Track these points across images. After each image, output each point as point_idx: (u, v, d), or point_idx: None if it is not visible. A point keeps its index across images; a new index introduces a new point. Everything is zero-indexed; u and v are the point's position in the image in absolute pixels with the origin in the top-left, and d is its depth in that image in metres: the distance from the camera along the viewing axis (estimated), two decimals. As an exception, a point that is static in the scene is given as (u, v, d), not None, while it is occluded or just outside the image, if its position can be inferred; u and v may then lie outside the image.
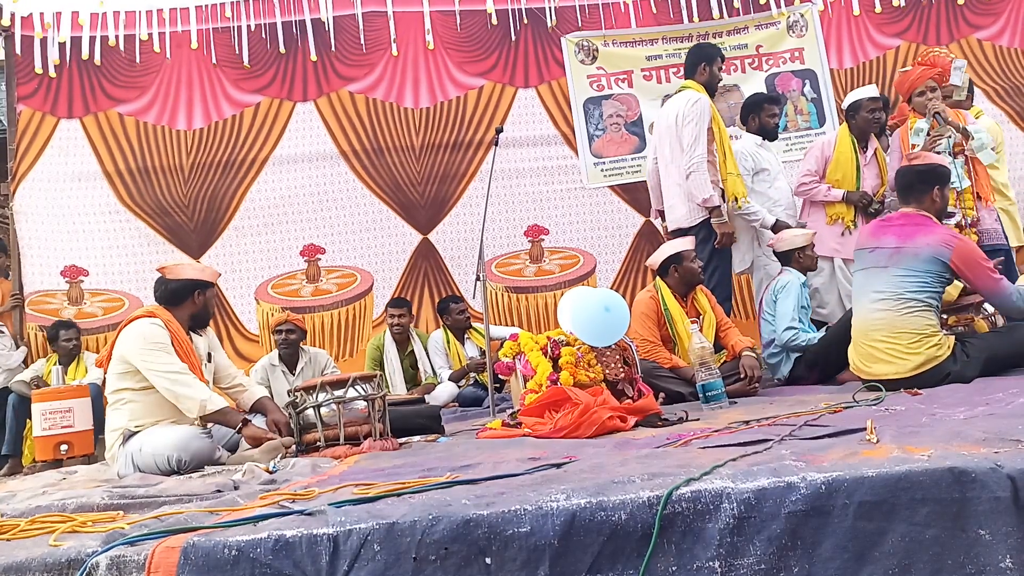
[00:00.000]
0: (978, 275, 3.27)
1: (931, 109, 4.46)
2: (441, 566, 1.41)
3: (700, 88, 4.58)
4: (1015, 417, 2.03)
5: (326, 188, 5.95)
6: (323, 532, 1.44)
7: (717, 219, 4.39)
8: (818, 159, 4.77)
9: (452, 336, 5.54)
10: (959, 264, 3.23)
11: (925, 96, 4.54)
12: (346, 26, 6.07)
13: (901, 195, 3.56)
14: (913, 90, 4.62)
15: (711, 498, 1.45)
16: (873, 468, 1.48)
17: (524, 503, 1.48)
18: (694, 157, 4.40)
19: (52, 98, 5.81)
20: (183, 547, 1.45)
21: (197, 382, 3.17)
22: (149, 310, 3.34)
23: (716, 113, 4.54)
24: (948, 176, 3.57)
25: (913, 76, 4.64)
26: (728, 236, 4.41)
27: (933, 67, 4.64)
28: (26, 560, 1.48)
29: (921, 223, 3.38)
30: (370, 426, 3.14)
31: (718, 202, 4.40)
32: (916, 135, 4.48)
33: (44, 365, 5.36)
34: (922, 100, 4.55)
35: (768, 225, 4.62)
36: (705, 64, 4.63)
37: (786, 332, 4.01)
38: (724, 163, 4.47)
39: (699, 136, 4.40)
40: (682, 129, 4.47)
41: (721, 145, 4.47)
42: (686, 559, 1.42)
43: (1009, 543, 1.40)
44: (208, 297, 3.43)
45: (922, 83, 4.58)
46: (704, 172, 4.39)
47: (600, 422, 2.75)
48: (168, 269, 3.46)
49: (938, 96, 4.53)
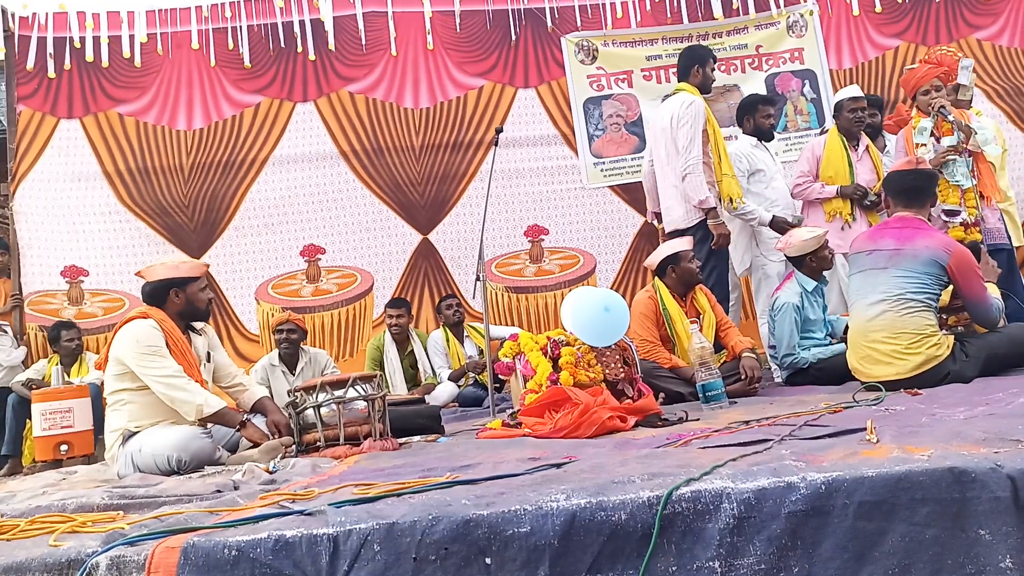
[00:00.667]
0: (970, 283, 3.32)
1: (935, 104, 4.42)
2: (441, 566, 1.41)
3: (694, 90, 4.60)
4: (1015, 417, 2.03)
5: (326, 188, 5.95)
6: (323, 532, 1.44)
7: (713, 220, 4.40)
8: (810, 160, 4.84)
9: (451, 335, 5.56)
10: (955, 269, 3.27)
11: (930, 95, 4.51)
12: (346, 26, 6.07)
13: (898, 199, 3.56)
14: (918, 88, 4.59)
15: (711, 498, 1.45)
16: (873, 468, 1.48)
17: (524, 503, 1.48)
18: (689, 159, 4.41)
19: (52, 98, 5.81)
20: (183, 547, 1.44)
21: (193, 385, 3.16)
22: (143, 311, 3.31)
23: (711, 115, 4.56)
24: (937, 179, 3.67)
25: (919, 74, 4.60)
26: (724, 237, 4.42)
27: (940, 65, 4.61)
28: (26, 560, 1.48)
29: (919, 226, 3.41)
30: (370, 426, 3.14)
31: (714, 203, 4.41)
32: (920, 134, 4.46)
33: (46, 365, 5.36)
34: (927, 99, 4.52)
35: (766, 222, 4.63)
36: (698, 66, 4.66)
37: (786, 358, 4.00)
38: (719, 165, 4.50)
39: (694, 138, 4.42)
40: (677, 131, 4.49)
41: (716, 147, 4.50)
42: (686, 559, 1.42)
43: (1009, 543, 1.40)
44: (191, 293, 3.33)
45: (928, 81, 4.54)
46: (700, 174, 4.40)
47: (600, 422, 2.75)
48: (143, 272, 3.42)
49: (943, 94, 4.49)
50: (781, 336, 3.98)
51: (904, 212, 3.50)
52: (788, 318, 3.95)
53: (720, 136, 4.56)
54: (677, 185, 4.52)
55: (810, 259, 4.05)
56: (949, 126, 4.35)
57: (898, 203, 3.56)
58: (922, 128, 4.47)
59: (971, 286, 3.32)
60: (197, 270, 3.45)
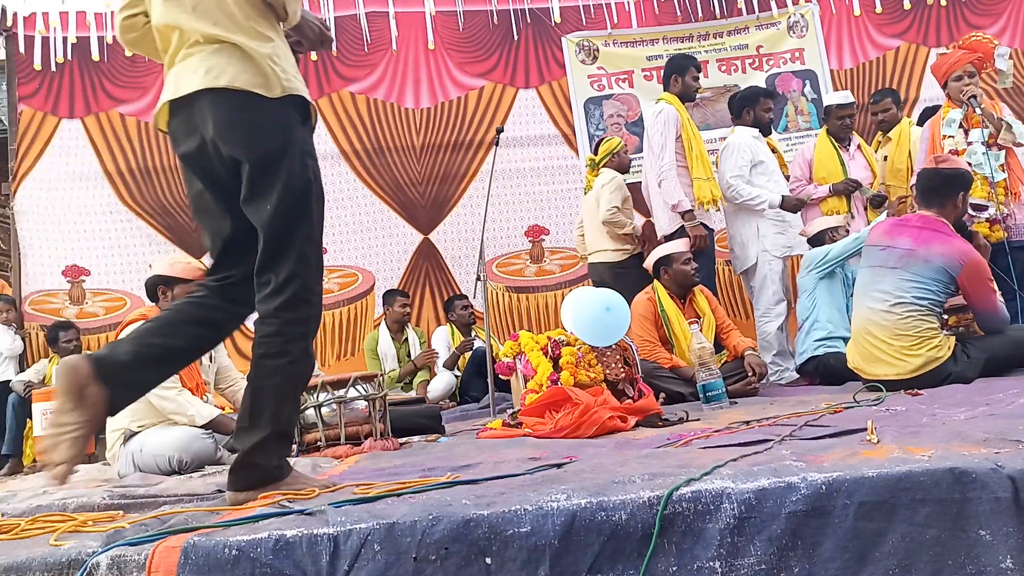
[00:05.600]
0: (981, 294, 3.30)
1: (966, 93, 4.20)
2: (441, 566, 1.41)
3: (673, 99, 4.72)
4: (1016, 418, 2.03)
5: (327, 188, 5.78)
6: (323, 532, 1.44)
7: (690, 223, 4.49)
8: (802, 164, 4.91)
9: (457, 331, 5.62)
10: (965, 282, 3.26)
11: (962, 81, 4.28)
12: (347, 26, 6.08)
13: (922, 197, 3.49)
14: (950, 75, 4.36)
15: (711, 498, 1.45)
16: (873, 468, 1.48)
17: (524, 503, 1.48)
18: (663, 165, 4.55)
19: (53, 98, 5.82)
20: (184, 547, 1.44)
21: (184, 397, 3.19)
22: (143, 312, 3.35)
23: (687, 120, 4.66)
24: (971, 182, 3.56)
25: (951, 60, 4.35)
26: (701, 239, 4.50)
27: (974, 51, 4.37)
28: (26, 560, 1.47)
29: (940, 229, 3.34)
30: (371, 426, 3.14)
31: (688, 206, 4.50)
32: (948, 126, 4.31)
33: (46, 365, 5.36)
34: (958, 85, 4.29)
35: (776, 205, 4.67)
36: (676, 76, 4.76)
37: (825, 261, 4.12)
38: (692, 168, 4.59)
39: (665, 145, 4.56)
40: (652, 140, 4.67)
41: (691, 151, 4.60)
42: (686, 559, 1.42)
43: (1010, 544, 1.40)
44: (177, 293, 3.27)
45: (960, 67, 4.31)
46: (673, 179, 4.53)
47: (600, 422, 2.75)
48: (152, 264, 3.48)
49: (976, 82, 4.29)
50: (833, 247, 4.09)
51: (927, 212, 3.44)
52: (849, 243, 4.02)
53: (696, 139, 4.64)
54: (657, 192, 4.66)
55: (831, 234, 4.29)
56: (978, 119, 4.16)
57: (921, 202, 3.51)
58: (951, 119, 4.30)
59: (980, 297, 3.31)
60: (189, 272, 3.38)
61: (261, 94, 1.87)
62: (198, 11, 1.88)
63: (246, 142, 1.85)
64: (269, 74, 1.88)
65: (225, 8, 1.89)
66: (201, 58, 1.87)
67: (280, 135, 1.89)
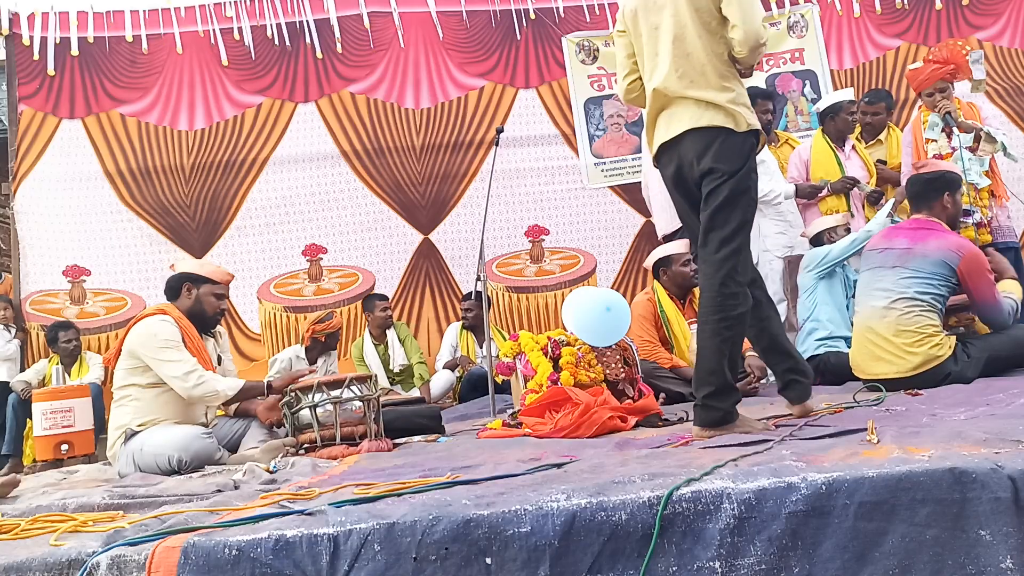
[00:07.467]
0: (981, 286, 3.30)
1: (941, 110, 4.26)
2: (441, 566, 1.41)
3: None
4: (1016, 418, 2.03)
5: (327, 188, 5.95)
6: (323, 532, 1.45)
7: None
8: (798, 166, 4.88)
9: (468, 334, 5.62)
10: (964, 272, 3.26)
11: (934, 97, 4.34)
12: (347, 27, 6.08)
13: (912, 204, 3.60)
14: (922, 91, 4.43)
15: (711, 498, 1.45)
16: (873, 468, 1.48)
17: (524, 503, 1.48)
18: None
19: (54, 98, 5.81)
20: (184, 547, 1.45)
21: (209, 375, 3.22)
22: (160, 307, 3.37)
23: None
24: (959, 182, 3.59)
25: (922, 76, 4.39)
26: None
27: (945, 65, 4.37)
28: (27, 560, 1.48)
29: (933, 228, 3.41)
30: (365, 426, 3.14)
31: None
32: (931, 129, 4.35)
33: (46, 365, 5.36)
34: (931, 101, 4.36)
35: (791, 195, 4.68)
36: None
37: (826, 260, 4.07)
38: None
39: None
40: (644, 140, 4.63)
41: None
42: (686, 559, 1.42)
43: (1010, 543, 1.40)
44: (202, 293, 3.37)
45: (932, 84, 4.34)
46: None
47: (600, 422, 2.75)
48: (175, 264, 3.50)
49: (948, 95, 4.33)
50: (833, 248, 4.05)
51: (918, 215, 3.53)
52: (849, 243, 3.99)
53: None
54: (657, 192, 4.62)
55: (828, 234, 4.24)
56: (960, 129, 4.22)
57: (912, 208, 3.61)
58: (932, 123, 4.36)
59: (980, 289, 3.31)
60: (218, 275, 3.49)
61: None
62: (683, 77, 2.59)
63: None
64: (736, 115, 2.63)
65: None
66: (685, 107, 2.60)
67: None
